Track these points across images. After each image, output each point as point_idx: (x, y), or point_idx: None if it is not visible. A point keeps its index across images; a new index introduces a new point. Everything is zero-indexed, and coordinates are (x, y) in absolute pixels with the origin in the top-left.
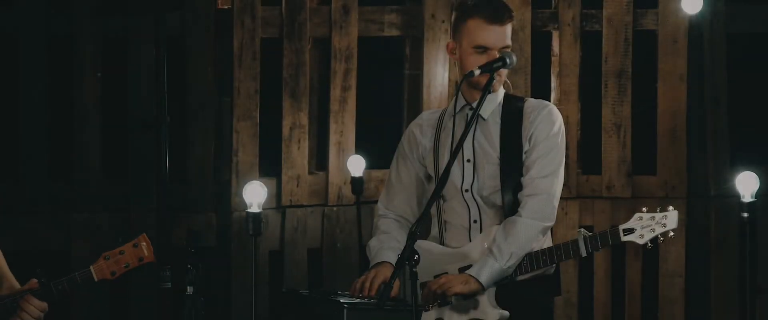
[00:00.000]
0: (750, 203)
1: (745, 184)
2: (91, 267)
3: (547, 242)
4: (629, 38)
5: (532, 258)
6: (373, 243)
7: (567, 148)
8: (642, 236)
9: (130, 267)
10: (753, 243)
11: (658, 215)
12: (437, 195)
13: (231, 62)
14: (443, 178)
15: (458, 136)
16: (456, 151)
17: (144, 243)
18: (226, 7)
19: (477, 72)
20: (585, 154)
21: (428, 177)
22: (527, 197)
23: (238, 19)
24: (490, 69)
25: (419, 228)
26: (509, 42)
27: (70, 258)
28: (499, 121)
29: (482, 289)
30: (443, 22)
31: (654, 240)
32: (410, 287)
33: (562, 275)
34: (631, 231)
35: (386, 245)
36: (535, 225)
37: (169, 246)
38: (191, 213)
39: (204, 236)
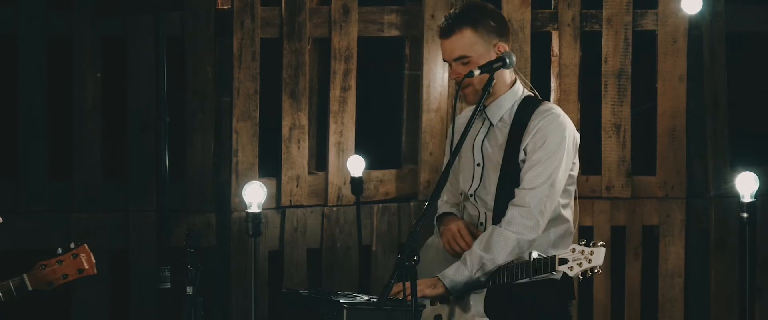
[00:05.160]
0: (750, 203)
1: (745, 184)
2: (25, 276)
3: (563, 245)
4: (629, 38)
5: (501, 271)
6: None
7: None
8: (572, 268)
9: (70, 279)
10: (752, 243)
11: (587, 250)
12: (436, 196)
13: (231, 62)
14: (442, 179)
15: (470, 136)
16: (454, 154)
17: (84, 255)
18: (226, 7)
19: (477, 72)
20: (585, 154)
21: None
22: (511, 207)
23: (238, 19)
24: (489, 69)
25: (419, 228)
26: (463, 52)
27: None
28: (509, 125)
29: (448, 294)
30: None
31: (583, 274)
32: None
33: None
34: (564, 261)
35: (443, 209)
36: (511, 238)
37: (168, 247)
38: (191, 214)
39: (204, 236)
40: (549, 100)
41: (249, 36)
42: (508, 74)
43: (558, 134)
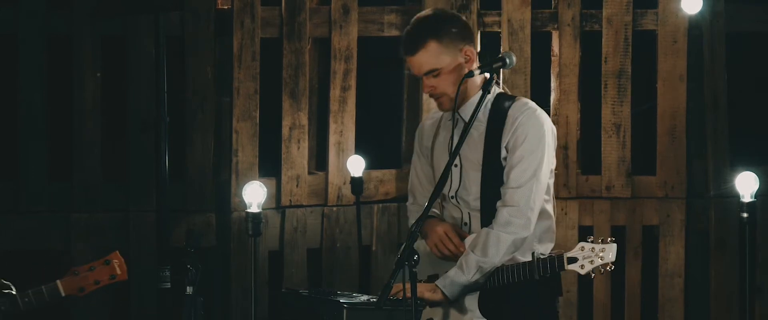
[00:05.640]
0: (750, 203)
1: (745, 184)
2: (58, 282)
3: (547, 240)
4: (629, 38)
5: (499, 273)
6: (410, 221)
7: (566, 148)
8: (583, 267)
9: (101, 285)
10: (752, 243)
11: (598, 247)
12: (434, 199)
13: (231, 62)
14: (440, 183)
15: (444, 138)
16: (452, 158)
17: (116, 261)
18: (226, 7)
19: (476, 72)
20: (585, 154)
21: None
22: (501, 208)
23: (238, 19)
24: (489, 69)
25: (418, 228)
26: (432, 66)
27: (71, 258)
28: (485, 123)
29: (447, 300)
30: None
31: (595, 271)
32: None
33: (562, 274)
34: (574, 260)
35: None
36: (506, 238)
37: (168, 247)
38: (191, 214)
39: (204, 236)
40: (549, 99)
41: (249, 36)
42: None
43: (538, 129)
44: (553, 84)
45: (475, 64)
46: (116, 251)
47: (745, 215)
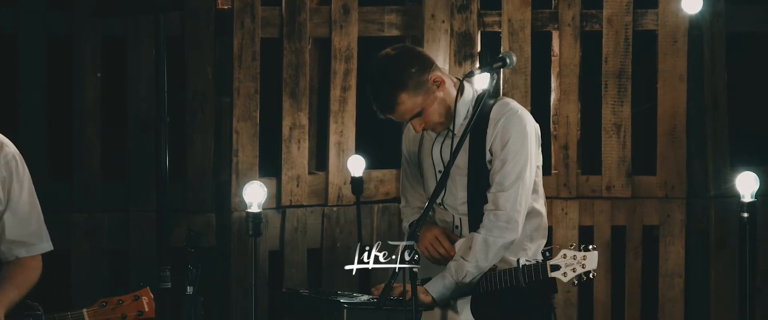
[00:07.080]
0: (750, 203)
1: (745, 184)
2: (85, 311)
3: (538, 237)
4: (629, 38)
5: (487, 278)
6: (404, 224)
7: (566, 148)
8: (565, 274)
9: None
10: (753, 243)
11: (580, 254)
12: (432, 203)
13: (231, 62)
14: (435, 193)
15: (427, 145)
16: (453, 155)
17: (145, 298)
18: (226, 7)
19: (477, 72)
20: (585, 154)
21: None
22: (488, 212)
23: (238, 19)
24: (489, 69)
25: (418, 229)
26: (412, 113)
27: (70, 258)
28: (468, 130)
29: (436, 303)
30: (443, 22)
31: (578, 278)
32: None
33: None
34: (557, 267)
35: (414, 216)
36: (494, 242)
37: (168, 247)
38: (191, 214)
39: (204, 236)
40: (549, 99)
41: (249, 36)
42: (450, 83)
43: (520, 130)
44: (553, 84)
45: (448, 81)
46: (147, 288)
47: (745, 215)
